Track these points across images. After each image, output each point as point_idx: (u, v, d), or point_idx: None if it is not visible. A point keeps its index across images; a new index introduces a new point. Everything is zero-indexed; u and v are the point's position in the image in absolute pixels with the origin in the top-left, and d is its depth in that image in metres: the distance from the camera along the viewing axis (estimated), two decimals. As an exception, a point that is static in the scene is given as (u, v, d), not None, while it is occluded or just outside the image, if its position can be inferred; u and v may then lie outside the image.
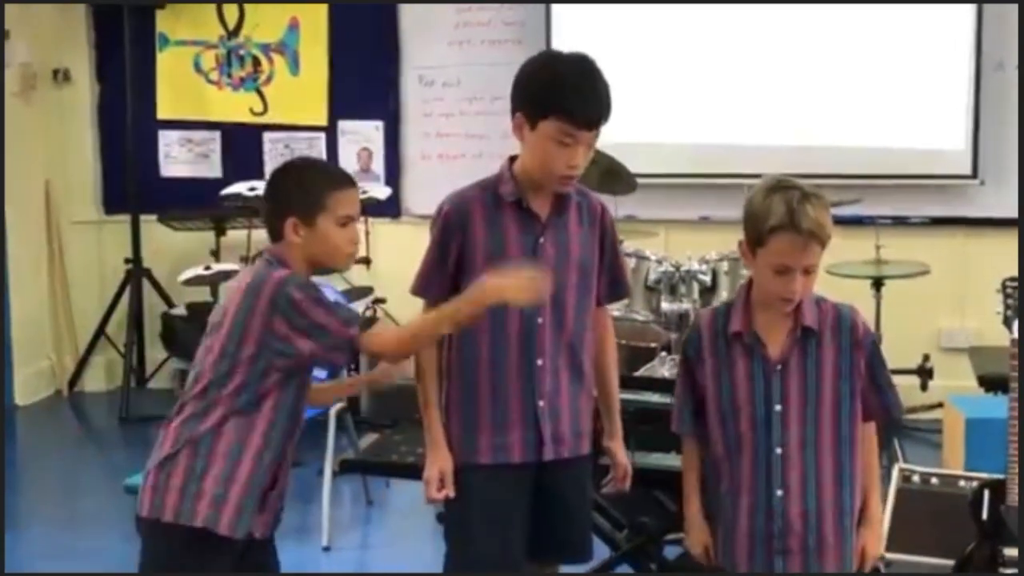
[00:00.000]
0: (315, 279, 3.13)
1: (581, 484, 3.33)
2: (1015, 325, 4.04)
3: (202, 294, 6.59)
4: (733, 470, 3.09)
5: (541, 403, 3.18)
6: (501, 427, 3.17)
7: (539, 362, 3.17)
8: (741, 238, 3.07)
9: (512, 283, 2.93)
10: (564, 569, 3.49)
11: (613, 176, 5.65)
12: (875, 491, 3.18)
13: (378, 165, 7.33)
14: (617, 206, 6.09)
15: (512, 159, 3.20)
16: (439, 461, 3.18)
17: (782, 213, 2.96)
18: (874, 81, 6.63)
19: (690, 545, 3.22)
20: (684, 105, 6.83)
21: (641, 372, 5.01)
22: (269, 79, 7.37)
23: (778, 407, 3.05)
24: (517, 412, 3.17)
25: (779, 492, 3.06)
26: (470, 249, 3.14)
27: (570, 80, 3.07)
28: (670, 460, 3.66)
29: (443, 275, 3.17)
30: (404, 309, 5.36)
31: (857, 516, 3.13)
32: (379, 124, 7.30)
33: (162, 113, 7.43)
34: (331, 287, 5.95)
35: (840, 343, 3.09)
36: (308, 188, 3.04)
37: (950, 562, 4.08)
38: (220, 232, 6.97)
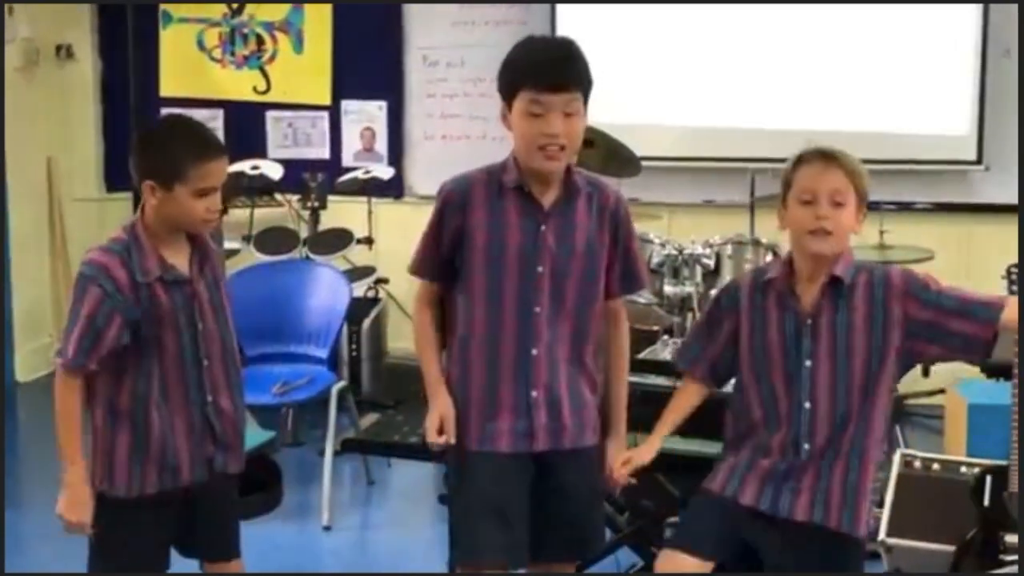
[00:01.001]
0: (319, 258, 3.17)
1: (587, 477, 3.24)
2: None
3: (204, 272, 6.58)
4: (767, 422, 3.15)
5: (535, 393, 3.13)
6: (490, 414, 3.13)
7: (534, 352, 3.12)
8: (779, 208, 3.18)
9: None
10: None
11: (617, 159, 5.64)
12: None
13: (381, 145, 7.32)
14: (621, 189, 6.10)
15: None
16: (439, 407, 3.14)
17: (808, 151, 3.14)
18: (880, 66, 6.62)
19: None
20: (689, 88, 6.81)
21: (644, 355, 5.00)
22: (273, 57, 7.35)
23: (808, 363, 3.11)
24: (508, 401, 3.13)
25: (806, 445, 3.12)
26: (469, 231, 3.12)
27: (535, 53, 3.08)
28: (672, 443, 3.65)
29: (438, 256, 3.16)
30: (405, 289, 5.36)
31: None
32: (382, 104, 7.29)
33: (165, 90, 7.42)
34: (333, 267, 5.95)
35: (873, 295, 3.12)
36: (168, 156, 3.07)
37: (951, 548, 4.07)
38: (222, 211, 6.95)
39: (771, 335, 3.15)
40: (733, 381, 3.30)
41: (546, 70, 3.02)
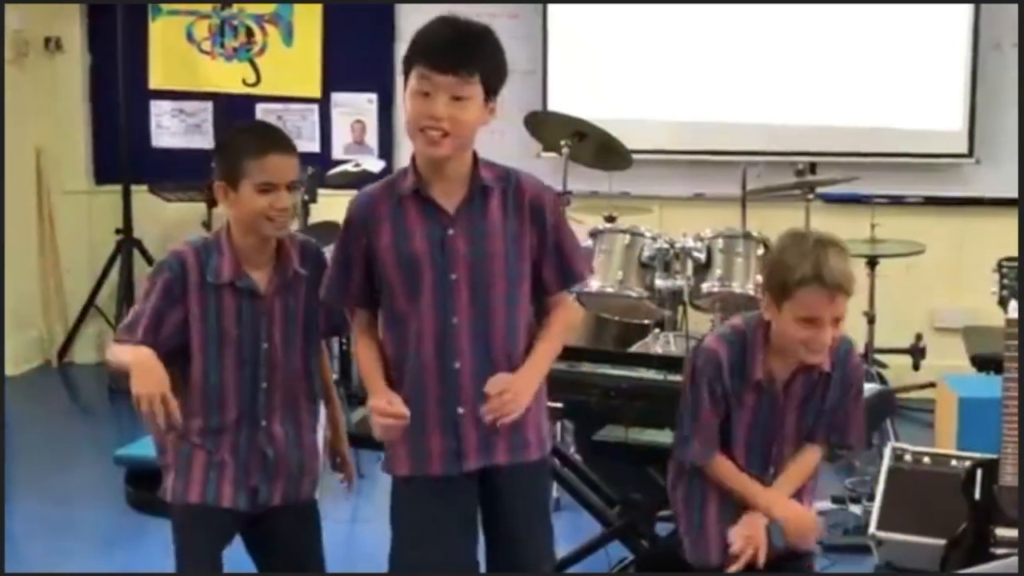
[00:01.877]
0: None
1: (530, 494, 3.07)
2: (1011, 305, 4.03)
3: (193, 266, 6.56)
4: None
5: (461, 410, 2.94)
6: (419, 436, 2.96)
7: (456, 366, 2.93)
8: (764, 291, 3.19)
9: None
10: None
11: (608, 152, 5.63)
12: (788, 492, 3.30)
13: (371, 138, 7.31)
14: (612, 182, 6.10)
15: None
16: (376, 393, 2.95)
17: (808, 266, 3.04)
18: (871, 59, 6.61)
19: (806, 524, 3.26)
20: (680, 82, 6.80)
21: (635, 348, 5.00)
22: (262, 50, 7.33)
23: (778, 436, 3.26)
24: (435, 420, 2.95)
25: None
26: (379, 249, 2.95)
27: (435, 31, 2.88)
28: (663, 437, 3.64)
29: (347, 280, 3.00)
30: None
31: None
32: (373, 97, 7.27)
33: (154, 83, 7.39)
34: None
35: (837, 378, 3.25)
36: (230, 153, 3.08)
37: (942, 541, 4.07)
38: (211, 203, 6.93)
39: (743, 414, 3.23)
40: None
41: (440, 47, 2.84)
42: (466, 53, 2.85)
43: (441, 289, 2.92)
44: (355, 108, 7.30)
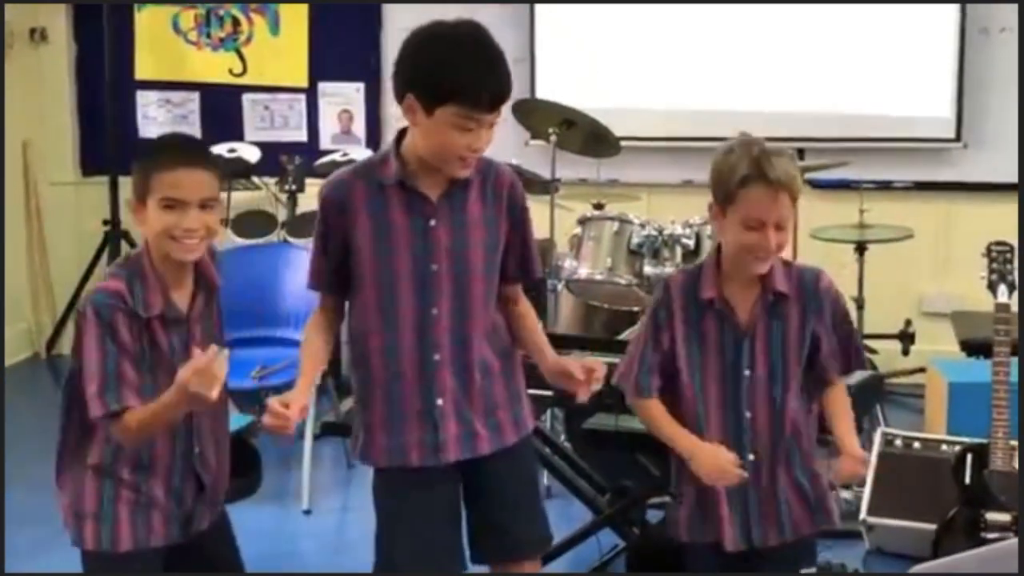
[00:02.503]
0: (297, 241, 3.10)
1: (516, 474, 3.09)
2: (1000, 289, 4.04)
3: (181, 256, 6.54)
4: (704, 436, 3.06)
5: (440, 401, 2.94)
6: (397, 428, 2.96)
7: (436, 357, 2.93)
8: (710, 200, 3.04)
9: (189, 374, 2.66)
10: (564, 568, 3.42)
11: (596, 140, 5.63)
12: (852, 434, 3.13)
13: (359, 127, 7.28)
14: (600, 169, 6.09)
15: (400, 135, 2.97)
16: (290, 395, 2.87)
17: (748, 165, 2.93)
18: (858, 45, 6.60)
19: (713, 464, 3.00)
20: (668, 69, 6.78)
21: (624, 336, 4.99)
22: (249, 39, 7.30)
23: (747, 372, 3.05)
24: (413, 411, 2.94)
25: (750, 456, 3.06)
26: (355, 238, 2.91)
27: (468, 61, 2.78)
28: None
29: (328, 266, 2.98)
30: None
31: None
32: (360, 86, 7.25)
33: (140, 73, 7.36)
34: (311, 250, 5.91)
35: (804, 306, 3.08)
36: (141, 166, 2.86)
37: (932, 526, 4.08)
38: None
39: (708, 348, 3.07)
40: None
41: (490, 87, 2.80)
42: (507, 87, 2.84)
43: (423, 281, 2.91)
44: (342, 97, 7.28)
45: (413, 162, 2.91)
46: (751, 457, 3.06)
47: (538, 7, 6.83)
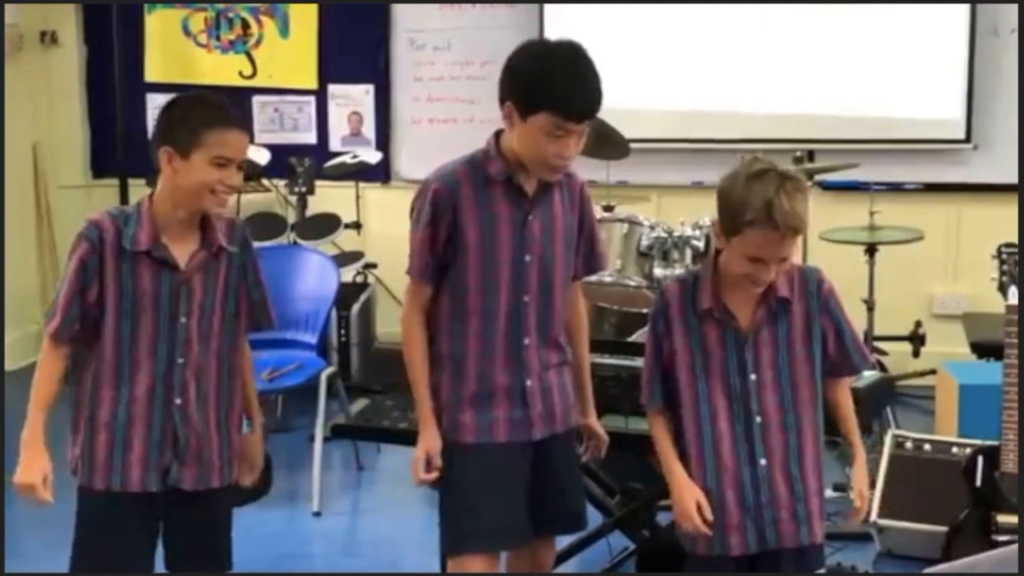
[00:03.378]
0: (307, 243, 3.11)
1: (572, 456, 3.35)
2: (1011, 291, 4.03)
3: (191, 259, 6.55)
4: (712, 443, 3.06)
5: (529, 382, 3.17)
6: (486, 406, 3.15)
7: (526, 341, 3.16)
8: (714, 218, 3.04)
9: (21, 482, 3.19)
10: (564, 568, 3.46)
11: (606, 141, 5.62)
12: (857, 436, 3.18)
13: (368, 129, 7.29)
14: (610, 171, 6.08)
15: (498, 134, 3.15)
16: (427, 441, 3.14)
17: (759, 208, 2.88)
18: (868, 47, 6.60)
19: (681, 509, 3.06)
20: (677, 70, 6.78)
21: (634, 338, 4.99)
22: (258, 42, 7.31)
23: (753, 376, 3.05)
24: (503, 391, 3.15)
25: (763, 461, 3.04)
26: (460, 227, 3.10)
27: (563, 75, 3.02)
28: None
29: (435, 255, 3.13)
30: (394, 274, 5.33)
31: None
32: (369, 88, 7.26)
33: (150, 76, 7.37)
34: (321, 252, 5.92)
35: (808, 306, 3.08)
36: (187, 120, 3.00)
37: (943, 529, 4.07)
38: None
39: (711, 354, 3.06)
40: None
41: (581, 100, 3.03)
42: (597, 102, 3.07)
43: (517, 270, 3.13)
44: (352, 99, 7.28)
45: (512, 160, 3.11)
46: (763, 462, 3.04)
47: (547, 9, 6.83)
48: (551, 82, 3.01)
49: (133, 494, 3.07)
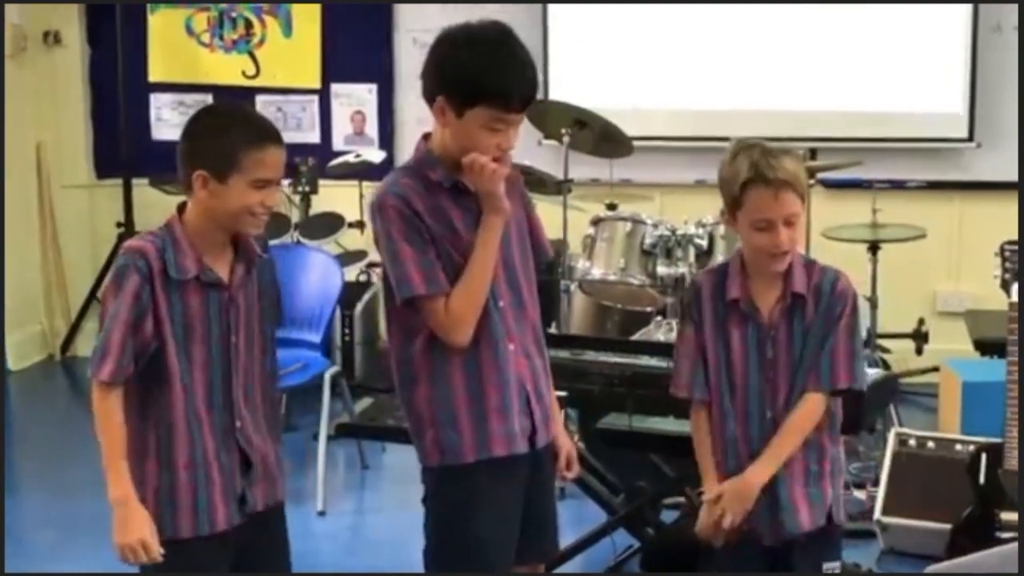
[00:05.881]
0: (311, 243, 3.08)
1: (553, 470, 3.14)
2: (1013, 288, 4.03)
3: (195, 258, 6.56)
4: (727, 433, 3.11)
5: (527, 387, 2.98)
6: (480, 420, 2.93)
7: (511, 347, 2.95)
8: (722, 207, 3.11)
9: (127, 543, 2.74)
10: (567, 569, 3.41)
11: (609, 140, 5.63)
12: (778, 453, 3.09)
13: (372, 128, 7.29)
14: (613, 169, 6.10)
15: (426, 137, 2.96)
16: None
17: (748, 168, 3.01)
18: (871, 44, 6.59)
19: (701, 526, 3.11)
20: (680, 69, 6.78)
21: (637, 336, 5.00)
22: (262, 41, 7.31)
23: (771, 372, 3.09)
24: (496, 402, 2.93)
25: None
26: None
27: (495, 63, 2.79)
28: (667, 424, 3.65)
29: (434, 264, 2.87)
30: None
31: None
32: (372, 87, 7.25)
33: (154, 76, 7.37)
34: (325, 251, 5.93)
35: (817, 304, 3.11)
36: (222, 141, 2.80)
37: (947, 526, 4.08)
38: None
39: (734, 348, 3.10)
40: None
41: (519, 89, 2.81)
42: (535, 87, 2.86)
43: None
44: (355, 99, 7.28)
45: (447, 161, 2.90)
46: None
47: (551, 7, 6.82)
48: (484, 72, 2.79)
49: (220, 534, 2.86)
